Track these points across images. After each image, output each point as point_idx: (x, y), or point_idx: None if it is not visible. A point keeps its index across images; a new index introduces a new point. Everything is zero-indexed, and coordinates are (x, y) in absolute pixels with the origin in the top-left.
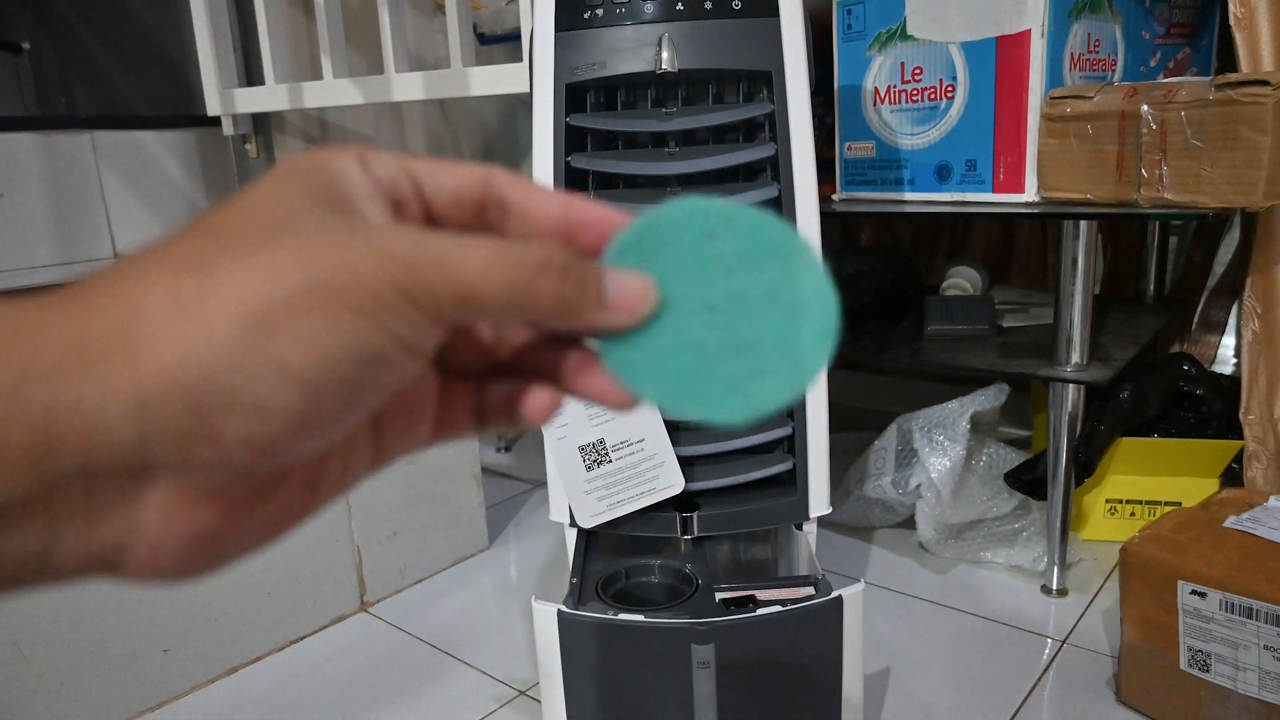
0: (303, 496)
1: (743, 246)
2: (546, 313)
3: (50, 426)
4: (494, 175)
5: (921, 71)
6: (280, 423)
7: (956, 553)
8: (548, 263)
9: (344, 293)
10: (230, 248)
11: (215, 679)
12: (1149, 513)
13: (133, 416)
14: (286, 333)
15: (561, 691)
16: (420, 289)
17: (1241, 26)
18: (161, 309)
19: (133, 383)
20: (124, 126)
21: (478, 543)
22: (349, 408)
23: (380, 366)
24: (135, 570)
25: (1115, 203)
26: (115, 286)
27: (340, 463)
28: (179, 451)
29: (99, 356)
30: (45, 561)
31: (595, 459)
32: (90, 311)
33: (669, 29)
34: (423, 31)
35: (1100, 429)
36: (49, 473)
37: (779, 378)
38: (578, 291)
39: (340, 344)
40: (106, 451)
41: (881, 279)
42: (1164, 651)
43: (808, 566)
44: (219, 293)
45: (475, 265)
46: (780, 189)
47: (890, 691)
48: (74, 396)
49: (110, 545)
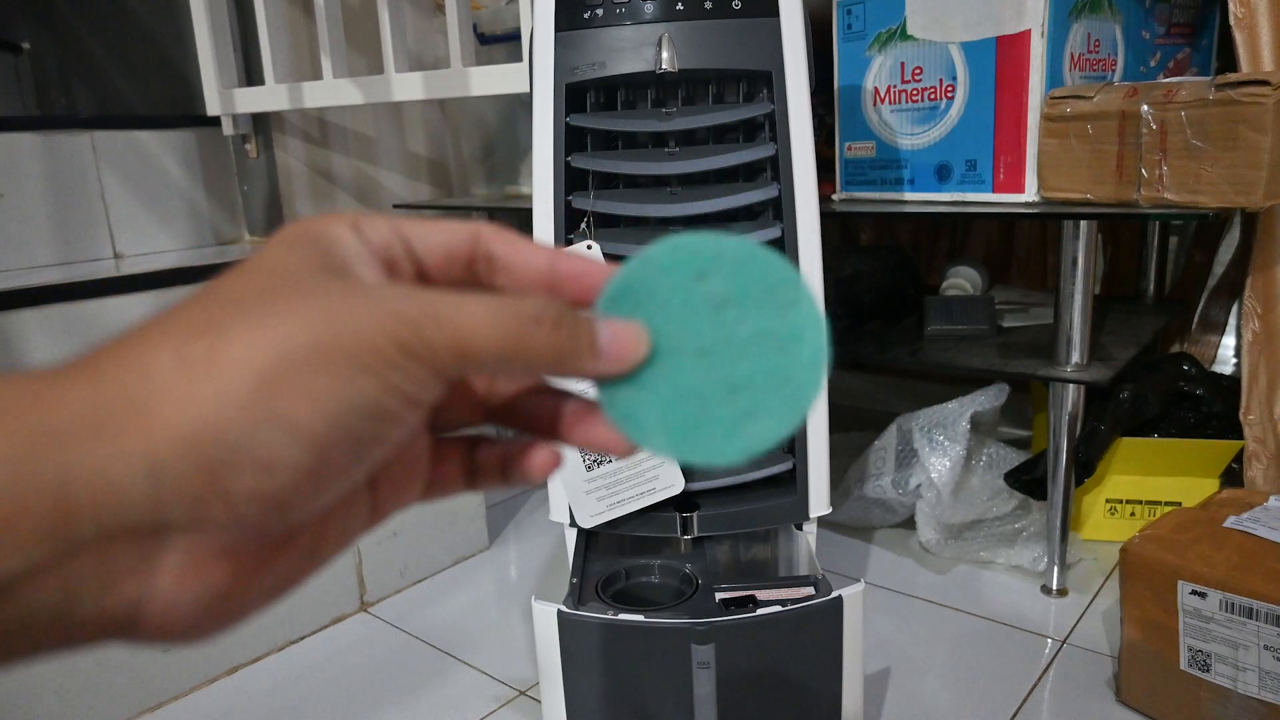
0: (307, 556)
1: (732, 283)
2: (542, 363)
3: (66, 492)
4: (481, 231)
5: (921, 71)
6: (289, 479)
7: (956, 553)
8: (541, 315)
9: (347, 350)
10: (235, 313)
11: (215, 679)
12: (1149, 513)
13: (146, 479)
14: (293, 391)
15: (561, 692)
16: (420, 344)
17: (1241, 26)
18: (171, 373)
19: (145, 446)
20: (124, 126)
21: (478, 543)
22: (354, 461)
23: (383, 420)
24: (150, 632)
25: (1115, 203)
26: (124, 354)
27: (341, 522)
28: (192, 511)
29: (111, 422)
30: (64, 625)
31: (595, 459)
32: (100, 380)
33: (669, 29)
34: (423, 31)
35: (1100, 429)
36: (66, 538)
37: (775, 415)
38: (571, 342)
39: (345, 400)
40: (121, 515)
41: (881, 279)
42: (1164, 652)
43: (808, 567)
44: (226, 355)
45: (472, 319)
46: (780, 189)
47: (890, 691)
48: (88, 462)
49: (126, 608)
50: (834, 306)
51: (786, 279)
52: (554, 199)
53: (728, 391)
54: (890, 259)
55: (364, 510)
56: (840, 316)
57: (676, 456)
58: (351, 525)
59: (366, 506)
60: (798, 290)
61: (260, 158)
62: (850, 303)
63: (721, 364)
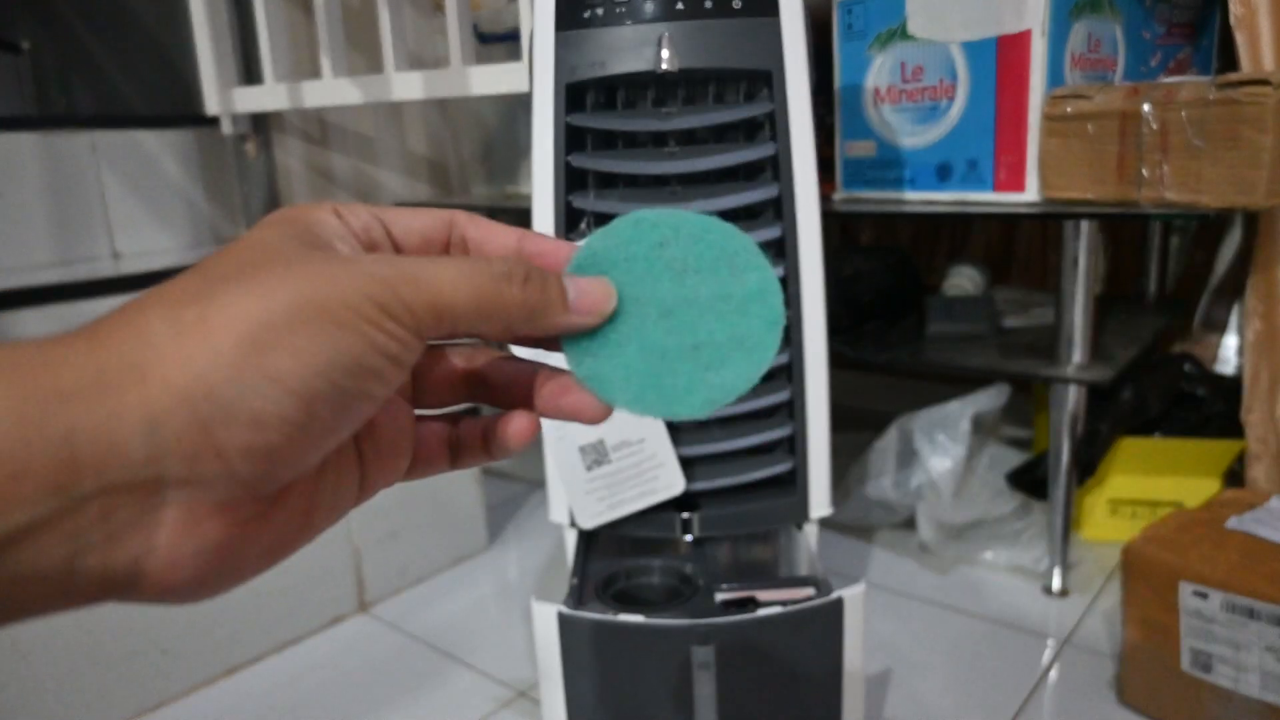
0: (301, 518)
1: (692, 251)
2: (515, 317)
3: (71, 449)
4: (455, 216)
5: (922, 71)
6: (278, 433)
7: (957, 553)
8: (511, 272)
9: (330, 309)
10: (224, 281)
11: (214, 680)
12: (1150, 513)
13: (144, 435)
14: (280, 347)
15: (561, 692)
16: (397, 303)
17: (1242, 26)
18: (165, 336)
19: (143, 403)
20: (123, 126)
21: (478, 543)
22: (340, 416)
23: (365, 376)
24: (151, 588)
25: (1116, 202)
26: (121, 322)
27: (332, 491)
28: (188, 466)
29: (111, 382)
30: (68, 581)
31: (595, 459)
32: (100, 345)
33: (669, 28)
34: (422, 31)
35: (1101, 429)
36: (71, 493)
37: (734, 370)
38: (541, 295)
39: (328, 355)
40: (122, 470)
41: (881, 279)
42: (1165, 652)
43: (808, 567)
44: (216, 318)
45: (446, 279)
46: (780, 188)
47: (891, 692)
48: (90, 419)
49: (128, 563)
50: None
51: (743, 247)
52: (554, 199)
53: (690, 349)
54: (890, 259)
55: (353, 482)
56: (840, 316)
57: (642, 411)
58: (342, 496)
59: (355, 478)
60: (754, 257)
61: (259, 157)
62: (850, 303)
63: (684, 324)
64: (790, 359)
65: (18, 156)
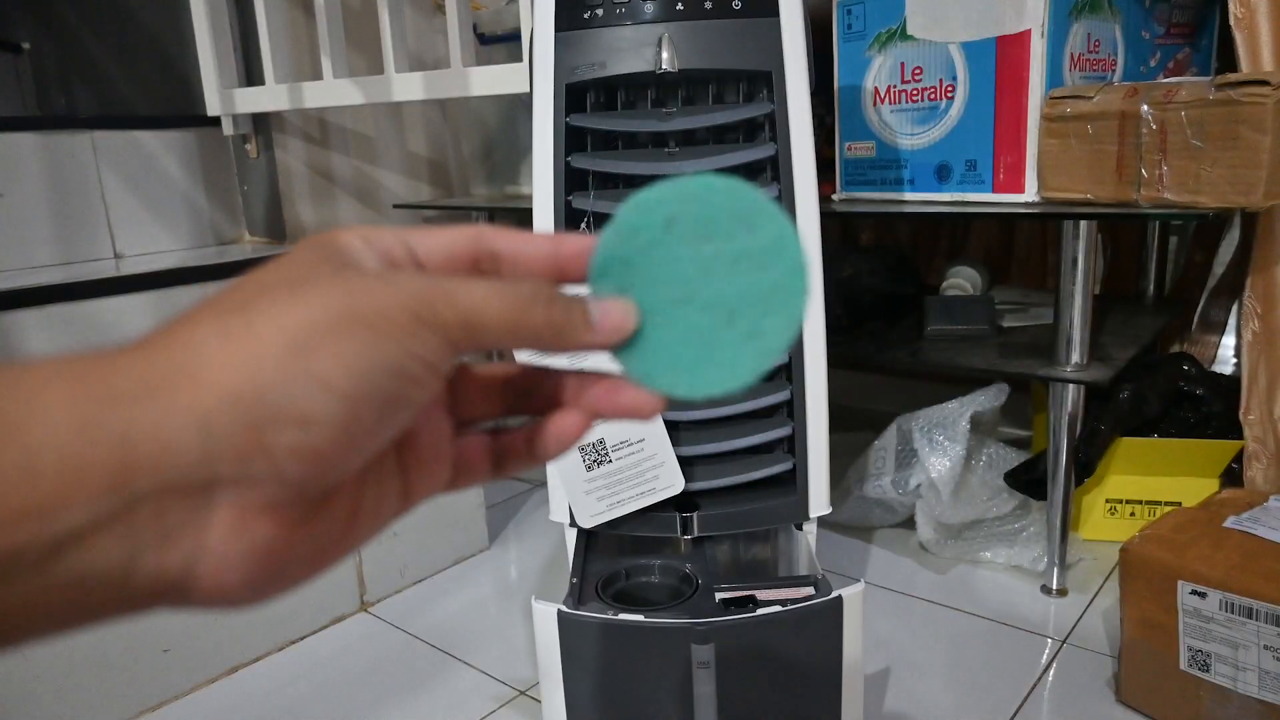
0: (344, 526)
1: (699, 220)
2: (542, 335)
3: (127, 449)
4: (483, 231)
5: (921, 71)
6: (324, 435)
7: (956, 553)
8: (537, 293)
9: (368, 320)
10: (267, 292)
11: (215, 679)
12: (1149, 513)
13: (197, 435)
14: (324, 353)
15: (561, 691)
16: (431, 314)
17: (1241, 26)
18: (213, 343)
19: (196, 405)
20: (124, 126)
21: (478, 543)
22: (382, 421)
23: (405, 381)
24: (205, 591)
25: (1115, 203)
26: (170, 332)
27: (375, 498)
28: (239, 467)
29: (164, 386)
30: (125, 583)
31: (595, 459)
32: (152, 352)
33: (669, 29)
34: (423, 31)
35: (1100, 429)
36: (127, 493)
37: (774, 327)
38: (566, 317)
39: (370, 360)
40: (176, 471)
41: (881, 279)
42: (1164, 651)
43: (808, 566)
44: (261, 325)
45: (476, 296)
46: (780, 189)
47: (890, 691)
48: (146, 420)
49: (181, 565)
50: (834, 306)
51: (749, 201)
52: (554, 199)
53: (726, 319)
54: (890, 259)
55: (395, 491)
56: (840, 316)
57: (699, 393)
58: (384, 505)
59: (397, 488)
60: (763, 208)
61: (260, 158)
62: (850, 303)
63: (713, 298)
64: (790, 359)
65: (18, 157)
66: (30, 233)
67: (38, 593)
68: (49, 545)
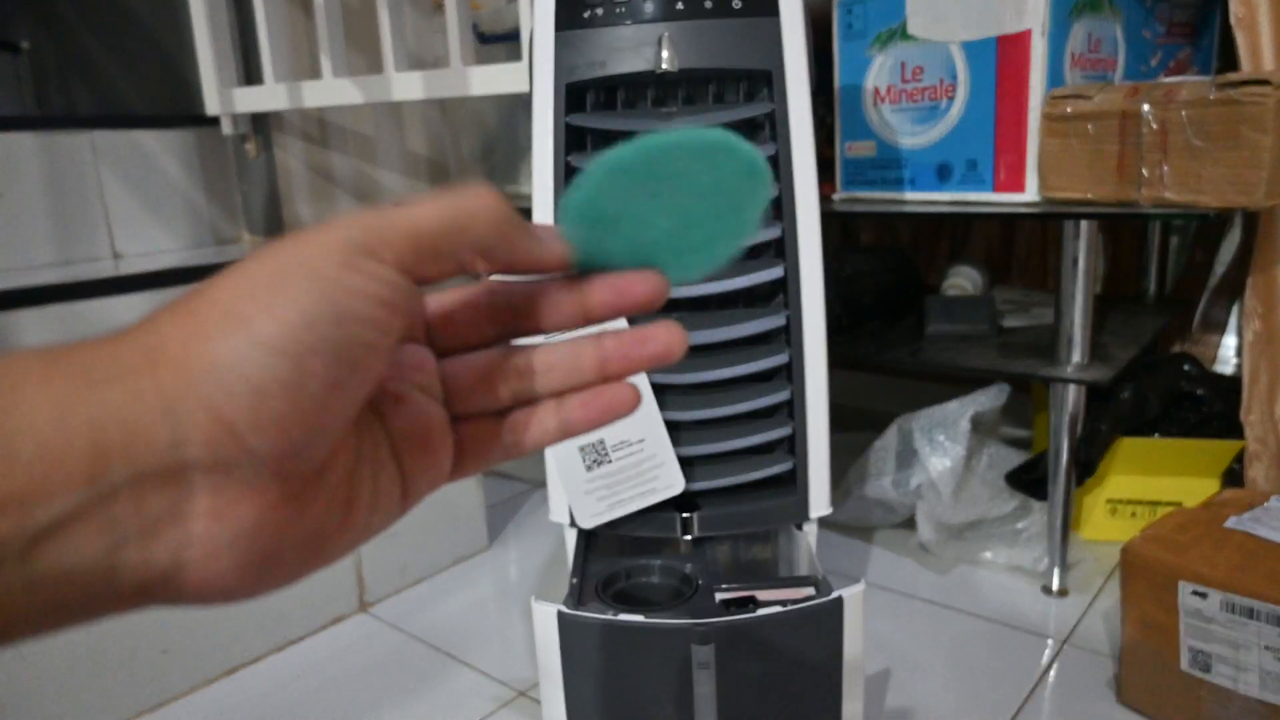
0: (340, 510)
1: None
2: (488, 239)
3: (100, 433)
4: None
5: (922, 71)
6: (279, 398)
7: (957, 553)
8: (478, 193)
9: (307, 264)
10: (218, 276)
11: (214, 679)
12: (1150, 513)
13: (163, 419)
14: (259, 313)
15: (561, 692)
16: (376, 240)
17: (1242, 26)
18: (168, 323)
19: (157, 387)
20: (123, 126)
21: (478, 543)
22: (339, 371)
23: (357, 323)
24: (195, 584)
25: (1116, 202)
26: (147, 318)
27: (370, 485)
28: (208, 450)
29: (128, 368)
30: (111, 576)
31: (595, 459)
32: (122, 340)
33: (669, 28)
34: (422, 31)
35: (1101, 429)
36: (104, 481)
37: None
38: (509, 218)
39: (306, 308)
40: (148, 455)
41: (881, 279)
42: (1165, 652)
43: (808, 567)
44: (204, 299)
45: (420, 209)
46: (780, 189)
47: (890, 692)
48: (115, 404)
49: (168, 557)
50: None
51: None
52: (554, 199)
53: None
54: (890, 259)
55: (393, 482)
56: (840, 316)
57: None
58: (383, 496)
59: (395, 478)
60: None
61: (259, 157)
62: (850, 303)
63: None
64: (790, 359)
65: (18, 156)
66: (29, 232)
67: (21, 589)
68: (30, 536)
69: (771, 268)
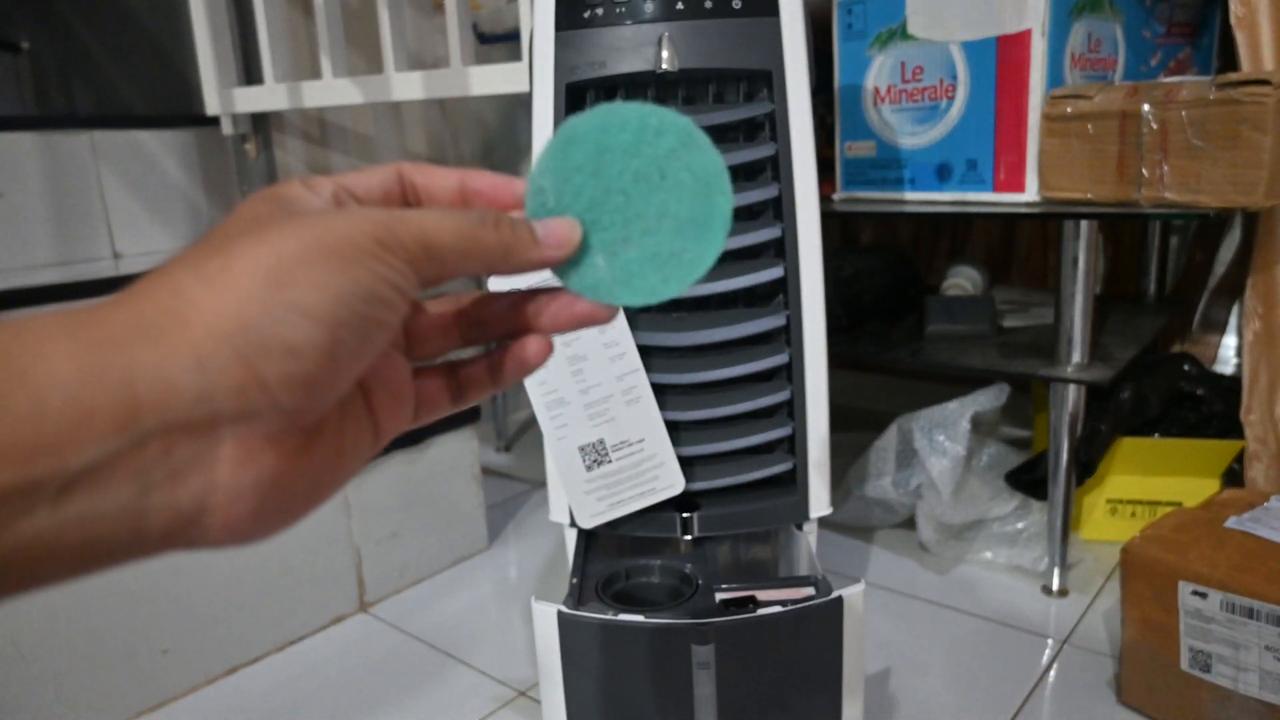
0: (334, 458)
1: (619, 144)
2: (492, 256)
3: (130, 390)
4: (402, 167)
5: (922, 71)
6: (311, 360)
7: (957, 553)
8: (485, 218)
9: (335, 249)
10: (236, 238)
11: (214, 679)
12: (1150, 513)
13: (195, 373)
14: (300, 283)
15: (561, 692)
16: (393, 239)
17: (1242, 26)
18: (196, 287)
19: (189, 345)
20: (123, 126)
21: (477, 543)
22: (363, 342)
23: (378, 303)
24: (217, 527)
25: (1116, 202)
26: (151, 283)
27: (353, 435)
28: (237, 401)
29: (155, 330)
30: (139, 520)
31: (595, 459)
32: (140, 301)
33: (669, 28)
34: (422, 31)
35: (1101, 429)
36: (134, 431)
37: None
38: (514, 235)
39: (342, 286)
40: (178, 407)
41: (881, 279)
42: (1165, 652)
43: (808, 567)
44: (239, 265)
45: (430, 221)
46: (780, 188)
47: (890, 692)
48: (145, 362)
49: (194, 501)
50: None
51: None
52: None
53: (656, 226)
54: (890, 259)
55: (368, 429)
56: (840, 316)
57: (650, 298)
58: (361, 443)
59: (369, 426)
60: (670, 121)
61: (259, 157)
62: (850, 303)
63: (640, 209)
64: (790, 359)
65: (18, 156)
66: (29, 232)
67: (53, 530)
68: (63, 481)
69: (771, 268)
